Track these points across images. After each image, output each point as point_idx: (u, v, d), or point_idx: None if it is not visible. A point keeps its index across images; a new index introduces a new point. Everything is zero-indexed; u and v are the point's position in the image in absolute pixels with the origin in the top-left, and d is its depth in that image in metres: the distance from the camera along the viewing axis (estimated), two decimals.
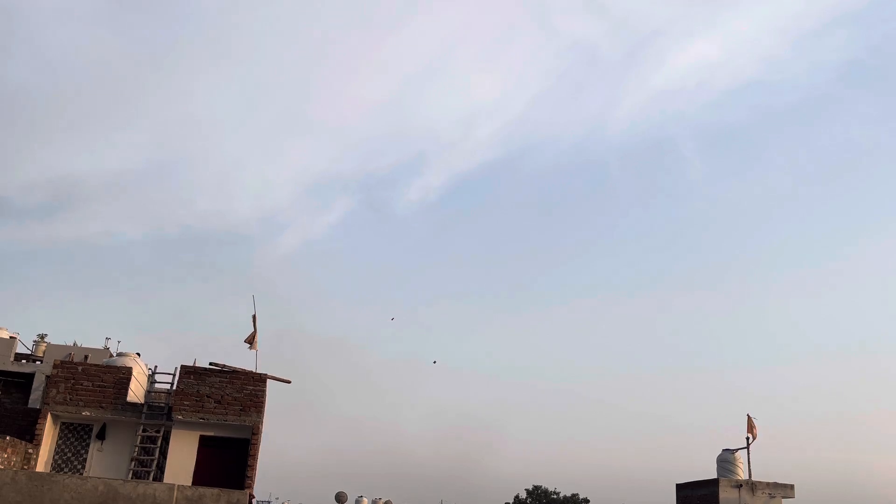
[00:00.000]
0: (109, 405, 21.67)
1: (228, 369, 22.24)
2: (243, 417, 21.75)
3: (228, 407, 21.74)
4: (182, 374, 21.97)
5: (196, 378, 21.86)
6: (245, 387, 22.01)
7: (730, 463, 33.52)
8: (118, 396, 21.78)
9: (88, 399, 21.61)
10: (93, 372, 22.11)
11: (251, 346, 23.04)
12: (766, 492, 32.17)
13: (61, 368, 21.99)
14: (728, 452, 33.84)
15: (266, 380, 22.34)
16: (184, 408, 21.51)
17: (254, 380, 22.18)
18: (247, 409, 21.82)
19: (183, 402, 21.56)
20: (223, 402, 21.76)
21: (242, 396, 21.89)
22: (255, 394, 22.00)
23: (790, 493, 32.74)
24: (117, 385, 21.89)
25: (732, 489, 31.96)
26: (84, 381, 21.75)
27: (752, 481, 32.41)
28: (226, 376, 22.06)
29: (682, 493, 34.86)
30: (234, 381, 22.02)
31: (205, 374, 21.96)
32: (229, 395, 21.85)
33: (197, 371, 22.00)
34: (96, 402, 21.62)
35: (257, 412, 21.89)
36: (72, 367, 22.18)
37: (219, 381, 21.94)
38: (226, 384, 21.94)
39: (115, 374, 22.11)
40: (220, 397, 21.77)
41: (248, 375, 22.23)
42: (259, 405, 21.96)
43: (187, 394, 21.66)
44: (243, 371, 22.29)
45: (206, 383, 21.83)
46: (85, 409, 21.53)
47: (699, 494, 33.20)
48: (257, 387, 22.10)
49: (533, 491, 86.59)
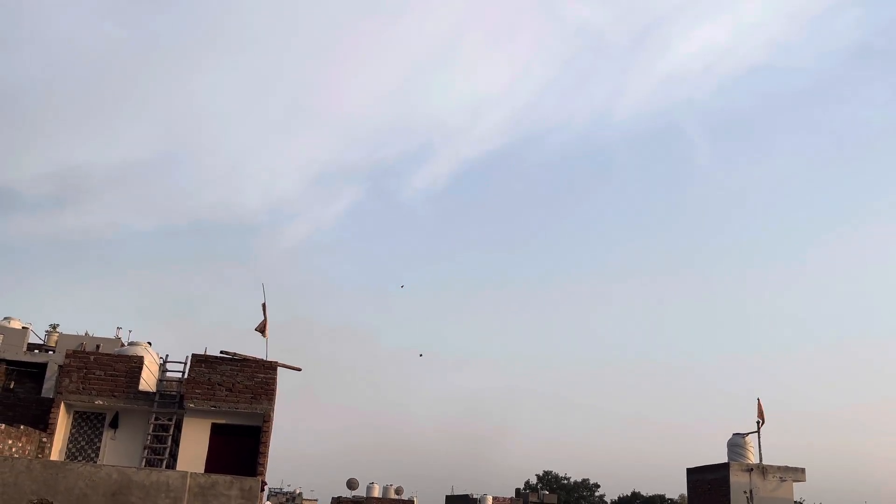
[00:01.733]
0: (122, 394, 21.80)
1: (239, 357, 22.33)
2: (254, 405, 21.85)
3: (240, 395, 21.83)
4: (193, 363, 22.06)
5: (207, 366, 21.96)
6: (256, 375, 22.10)
7: (740, 447, 33.50)
8: (130, 385, 21.90)
9: (101, 388, 21.74)
10: (105, 361, 22.24)
11: (262, 334, 23.14)
12: (777, 475, 32.14)
13: (73, 358, 22.13)
14: (738, 437, 33.81)
15: (277, 367, 22.41)
16: (195, 396, 21.63)
17: (264, 368, 22.26)
18: (258, 397, 21.92)
19: (194, 390, 21.67)
20: (234, 390, 21.85)
21: (253, 384, 21.98)
22: (265, 382, 22.08)
23: (801, 477, 32.69)
24: (129, 374, 22.01)
25: (743, 473, 31.95)
26: (96, 370, 21.88)
27: (763, 465, 32.36)
28: (237, 364, 22.15)
29: (692, 478, 34.88)
30: (244, 370, 22.10)
31: (216, 363, 22.05)
32: (240, 383, 21.94)
33: (208, 359, 22.09)
34: (109, 391, 21.75)
35: (268, 400, 21.98)
36: (84, 357, 22.31)
37: (230, 369, 22.03)
38: (237, 372, 22.03)
39: (126, 363, 22.23)
40: (231, 385, 21.87)
41: (259, 363, 22.31)
42: (270, 393, 22.05)
43: (199, 382, 21.76)
44: (254, 359, 22.37)
45: (217, 371, 21.93)
46: (97, 397, 21.67)
47: (710, 479, 33.20)
48: (268, 375, 22.18)
49: (543, 476, 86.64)
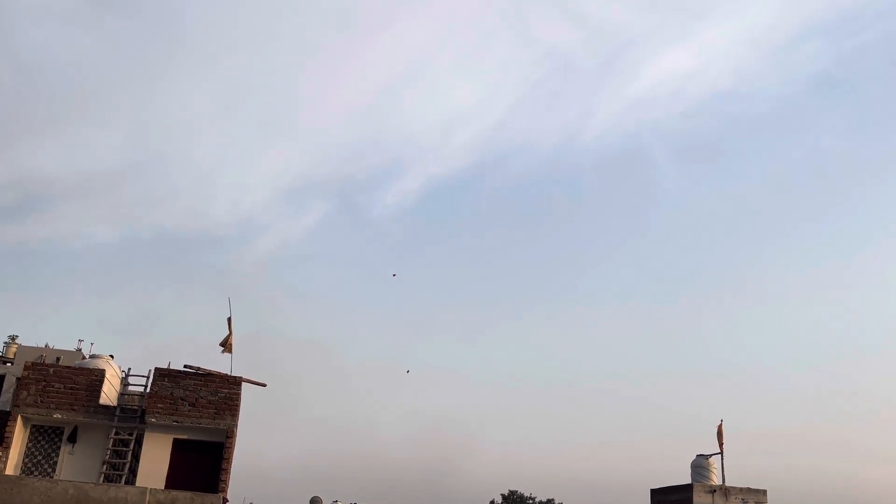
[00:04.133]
0: (81, 408, 21.40)
1: (203, 372, 22.08)
2: (218, 421, 21.59)
3: (203, 410, 21.56)
4: (156, 377, 21.78)
5: (170, 381, 21.68)
6: (220, 390, 21.86)
7: (704, 468, 33.79)
8: (90, 399, 21.53)
9: (60, 401, 21.33)
10: (65, 374, 21.83)
11: (225, 350, 22.91)
12: (740, 497, 32.46)
13: (32, 370, 21.70)
14: (702, 458, 34.11)
15: (241, 383, 22.21)
16: (157, 410, 21.32)
17: (228, 383, 22.04)
18: (221, 413, 21.66)
19: (157, 404, 21.36)
20: (197, 405, 21.58)
21: (217, 400, 21.74)
22: (229, 397, 21.85)
23: (763, 499, 33.03)
24: (89, 387, 21.63)
25: (706, 494, 32.21)
26: (56, 383, 21.48)
27: (726, 486, 32.67)
28: (200, 379, 21.89)
29: (656, 498, 35.08)
30: (208, 384, 21.85)
31: (179, 377, 21.78)
32: (204, 398, 21.68)
33: (171, 374, 21.81)
34: (68, 405, 21.35)
35: (232, 415, 21.74)
36: (43, 369, 21.90)
37: (193, 383, 21.77)
38: (200, 387, 21.77)
39: (87, 376, 21.85)
40: (194, 400, 21.59)
41: (223, 378, 22.08)
42: (234, 408, 21.82)
43: (161, 396, 21.46)
44: (218, 374, 22.13)
45: (181, 386, 21.65)
46: (56, 411, 21.25)
47: (673, 499, 33.42)
48: (232, 390, 21.95)
49: (509, 496, 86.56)
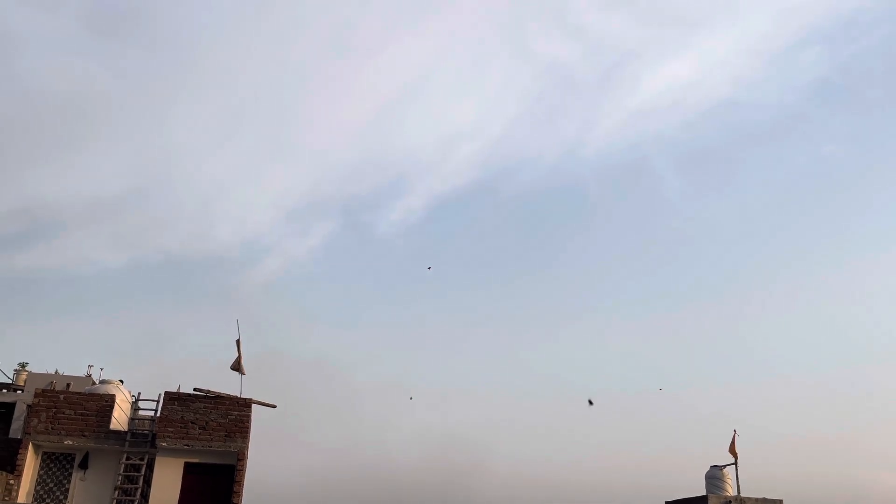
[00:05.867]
0: (92, 433, 21.37)
1: (213, 395, 22.03)
2: (228, 443, 21.52)
3: (213, 433, 21.50)
4: (166, 401, 21.74)
5: (180, 404, 21.63)
6: (230, 412, 21.80)
7: (718, 479, 33.50)
8: (101, 424, 21.49)
9: (70, 428, 21.31)
10: (75, 400, 21.82)
11: (239, 371, 22.79)
12: None
13: (42, 397, 21.69)
14: (716, 469, 33.85)
15: (251, 404, 22.15)
16: (168, 434, 21.26)
17: (239, 405, 21.98)
18: (232, 435, 21.60)
19: (167, 428, 21.30)
20: (208, 427, 21.52)
21: (227, 422, 21.67)
22: (240, 419, 21.79)
23: None
24: (100, 413, 21.61)
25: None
26: (66, 409, 21.46)
27: (741, 497, 32.40)
28: (210, 402, 21.84)
29: None
30: (218, 407, 21.80)
31: (189, 400, 21.74)
32: (214, 420, 21.62)
33: (181, 397, 21.77)
34: (78, 431, 21.33)
35: (243, 438, 21.67)
36: (53, 396, 21.88)
37: (203, 406, 21.72)
38: (210, 410, 21.72)
39: (97, 401, 21.83)
40: (204, 423, 21.54)
41: (233, 400, 22.02)
42: (244, 430, 21.75)
43: (171, 420, 21.41)
44: (228, 396, 22.07)
45: (191, 409, 21.61)
46: (67, 438, 21.22)
47: None
48: (242, 412, 21.89)
49: None
